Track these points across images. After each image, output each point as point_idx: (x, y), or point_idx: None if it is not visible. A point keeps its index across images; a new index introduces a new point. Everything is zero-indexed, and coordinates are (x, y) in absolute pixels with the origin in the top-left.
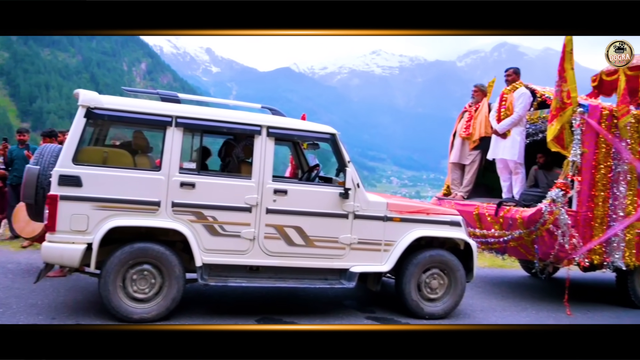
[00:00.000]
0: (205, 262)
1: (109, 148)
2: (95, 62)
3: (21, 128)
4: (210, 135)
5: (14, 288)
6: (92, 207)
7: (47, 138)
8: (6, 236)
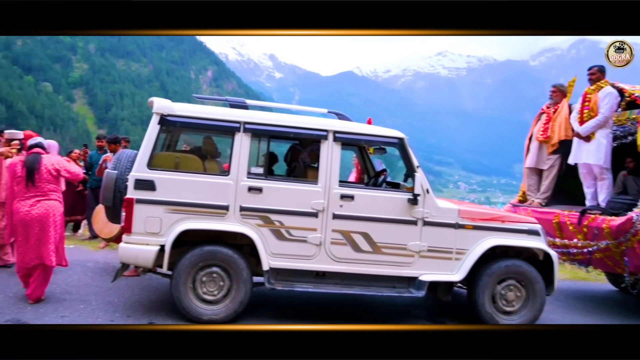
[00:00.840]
0: (272, 267)
1: (180, 153)
2: (164, 71)
3: (100, 135)
4: (276, 140)
5: (93, 285)
6: (165, 210)
7: (112, 144)
8: (86, 236)
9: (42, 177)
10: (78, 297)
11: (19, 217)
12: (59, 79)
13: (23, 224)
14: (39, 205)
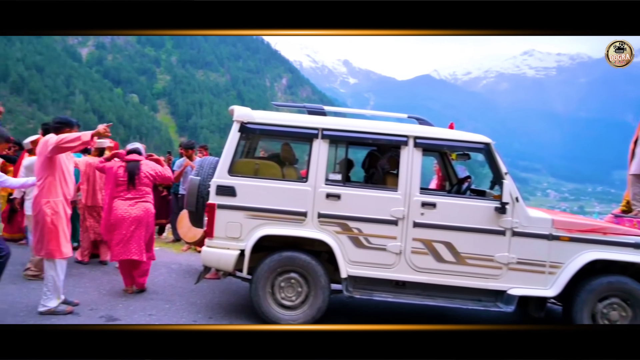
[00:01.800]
0: (350, 274)
1: (259, 160)
2: (241, 80)
3: (182, 143)
4: (354, 146)
5: (177, 287)
6: (245, 216)
7: (187, 150)
8: (169, 239)
9: (141, 181)
10: (163, 297)
11: (117, 215)
12: (144, 91)
13: (121, 221)
14: (137, 206)
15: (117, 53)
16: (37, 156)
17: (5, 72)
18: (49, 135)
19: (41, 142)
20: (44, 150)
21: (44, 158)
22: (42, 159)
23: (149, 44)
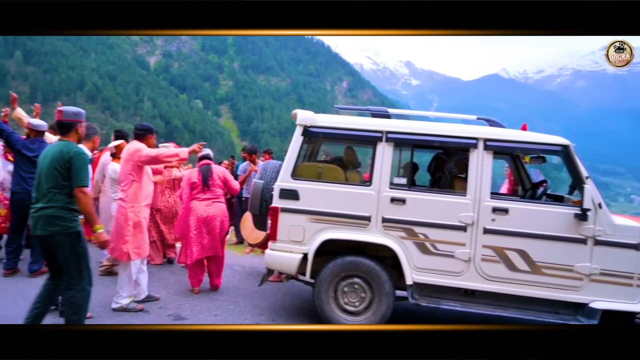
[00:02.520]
0: (415, 281)
1: (322, 164)
2: (301, 84)
3: (246, 147)
4: (419, 149)
5: (241, 288)
6: (308, 220)
7: (250, 154)
8: (232, 241)
9: (214, 183)
10: (228, 298)
11: (195, 215)
12: (208, 96)
13: (199, 221)
14: (214, 205)
15: (183, 61)
16: (124, 162)
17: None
18: (139, 144)
19: (130, 149)
20: (133, 157)
21: (133, 165)
22: (130, 165)
23: (213, 51)
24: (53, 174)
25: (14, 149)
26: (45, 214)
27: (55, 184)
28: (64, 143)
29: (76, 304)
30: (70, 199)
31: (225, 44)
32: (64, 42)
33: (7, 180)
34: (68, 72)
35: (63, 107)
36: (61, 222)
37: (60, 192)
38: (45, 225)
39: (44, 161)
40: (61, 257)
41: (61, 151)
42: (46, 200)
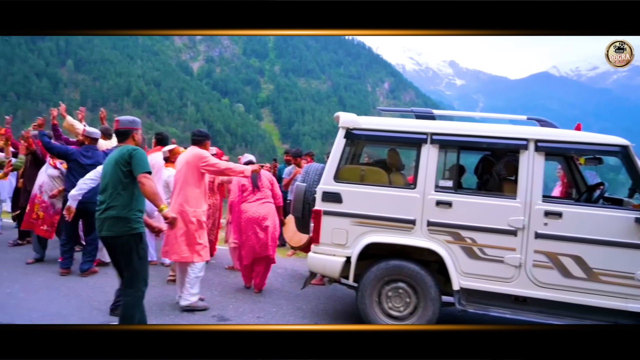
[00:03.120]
0: (463, 287)
1: (365, 166)
2: (342, 86)
3: (287, 150)
4: (466, 151)
5: (283, 291)
6: (351, 223)
7: (296, 157)
8: None
9: (263, 184)
10: (270, 300)
11: (247, 216)
12: (249, 100)
13: (252, 221)
14: (264, 205)
15: (225, 66)
16: (186, 165)
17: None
18: (204, 151)
19: (195, 155)
20: (199, 163)
21: (196, 171)
22: (193, 171)
23: (254, 55)
24: (117, 173)
25: (67, 159)
26: (110, 216)
27: (119, 183)
28: (122, 146)
29: (130, 304)
30: (132, 197)
31: (267, 48)
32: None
33: (47, 184)
34: (116, 79)
35: (120, 116)
36: (125, 223)
37: (124, 191)
38: (110, 227)
39: (108, 166)
40: (123, 257)
41: (120, 151)
42: (110, 202)
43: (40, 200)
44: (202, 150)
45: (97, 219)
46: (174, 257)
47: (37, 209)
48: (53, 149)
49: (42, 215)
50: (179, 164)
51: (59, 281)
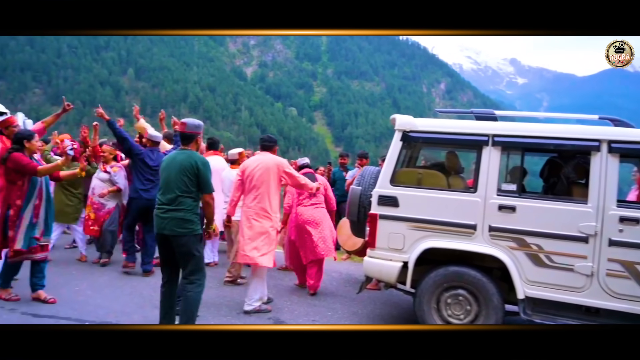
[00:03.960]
0: (528, 295)
1: (422, 169)
2: (396, 87)
3: (342, 153)
4: (530, 153)
5: (338, 295)
6: (408, 227)
7: (362, 159)
8: None
9: (318, 189)
10: (326, 304)
11: (303, 219)
12: (302, 104)
13: (306, 224)
14: (319, 209)
15: (278, 70)
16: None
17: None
18: (281, 159)
19: (277, 163)
20: (279, 170)
21: (276, 177)
22: (273, 177)
23: (306, 58)
24: (183, 180)
25: (136, 158)
26: (176, 217)
27: (185, 190)
28: (188, 153)
29: (193, 298)
30: (195, 203)
31: (319, 51)
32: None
33: (98, 187)
34: (173, 86)
35: (187, 119)
36: (189, 225)
37: (189, 197)
38: (174, 227)
39: (171, 169)
40: (185, 256)
41: (189, 161)
42: (176, 204)
43: (92, 202)
44: (282, 159)
45: (158, 217)
46: (243, 259)
47: (89, 210)
48: (126, 140)
49: (93, 216)
50: (256, 169)
51: (122, 280)
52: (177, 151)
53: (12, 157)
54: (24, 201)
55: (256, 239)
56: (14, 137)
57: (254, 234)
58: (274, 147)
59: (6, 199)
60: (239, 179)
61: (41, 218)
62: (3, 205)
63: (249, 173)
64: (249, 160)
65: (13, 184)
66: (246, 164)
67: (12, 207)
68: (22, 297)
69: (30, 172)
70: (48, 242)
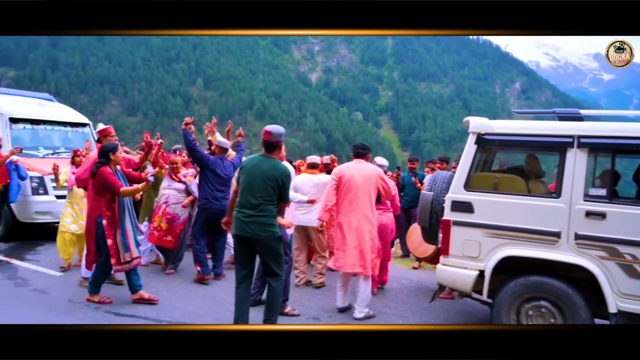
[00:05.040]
0: (621, 309)
1: (499, 173)
2: (467, 88)
3: (411, 157)
4: (623, 155)
5: (409, 303)
6: (484, 234)
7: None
8: (398, 254)
9: None
10: (396, 312)
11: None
12: (367, 108)
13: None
14: (385, 214)
15: (342, 75)
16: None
17: (251, 101)
18: (379, 168)
19: (377, 172)
20: (377, 179)
21: (374, 187)
22: (372, 186)
23: (372, 62)
24: (266, 188)
25: (207, 168)
26: (258, 221)
27: (268, 197)
28: (273, 162)
29: (277, 292)
30: (275, 208)
31: (385, 54)
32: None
33: (173, 197)
34: (240, 94)
35: (270, 127)
36: (270, 228)
37: (270, 204)
38: (257, 230)
39: (256, 175)
40: (267, 256)
41: (275, 172)
42: (259, 210)
43: (165, 212)
44: (379, 167)
45: (239, 220)
46: (347, 268)
47: (160, 221)
48: (196, 152)
49: (165, 227)
50: (355, 176)
51: (195, 283)
52: (261, 158)
53: (100, 173)
54: (120, 211)
55: (359, 248)
56: (100, 151)
57: (359, 241)
58: (368, 155)
59: (96, 209)
60: (335, 184)
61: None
62: (92, 215)
63: (347, 180)
64: (345, 167)
65: (102, 195)
66: (342, 170)
67: (104, 217)
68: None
69: (114, 192)
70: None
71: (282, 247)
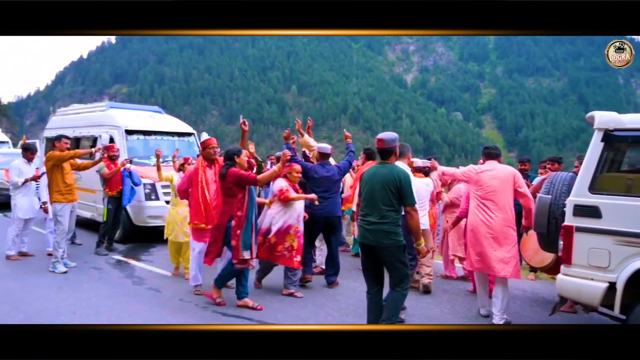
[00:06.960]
0: None
1: (633, 174)
2: (583, 81)
3: (522, 158)
4: None
5: (523, 315)
6: (615, 242)
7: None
8: None
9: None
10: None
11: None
12: (468, 107)
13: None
14: None
15: (440, 74)
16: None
17: (345, 105)
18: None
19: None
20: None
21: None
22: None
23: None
24: (387, 194)
25: (307, 175)
26: (381, 229)
27: (389, 203)
28: (389, 167)
29: (399, 300)
30: (398, 215)
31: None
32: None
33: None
34: (333, 99)
35: (383, 135)
36: (394, 236)
37: (392, 210)
38: (380, 239)
39: (375, 183)
40: (391, 265)
41: (391, 175)
42: (380, 217)
43: (296, 230)
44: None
45: (362, 228)
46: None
47: (292, 240)
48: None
49: (296, 245)
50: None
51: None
52: (379, 165)
53: (231, 172)
54: (247, 212)
55: (503, 251)
56: (225, 154)
57: (500, 245)
58: (500, 156)
59: (226, 212)
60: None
61: None
62: (223, 218)
63: (483, 183)
64: (483, 168)
65: (233, 197)
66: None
67: (234, 219)
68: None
69: (251, 183)
70: None
71: (406, 256)
